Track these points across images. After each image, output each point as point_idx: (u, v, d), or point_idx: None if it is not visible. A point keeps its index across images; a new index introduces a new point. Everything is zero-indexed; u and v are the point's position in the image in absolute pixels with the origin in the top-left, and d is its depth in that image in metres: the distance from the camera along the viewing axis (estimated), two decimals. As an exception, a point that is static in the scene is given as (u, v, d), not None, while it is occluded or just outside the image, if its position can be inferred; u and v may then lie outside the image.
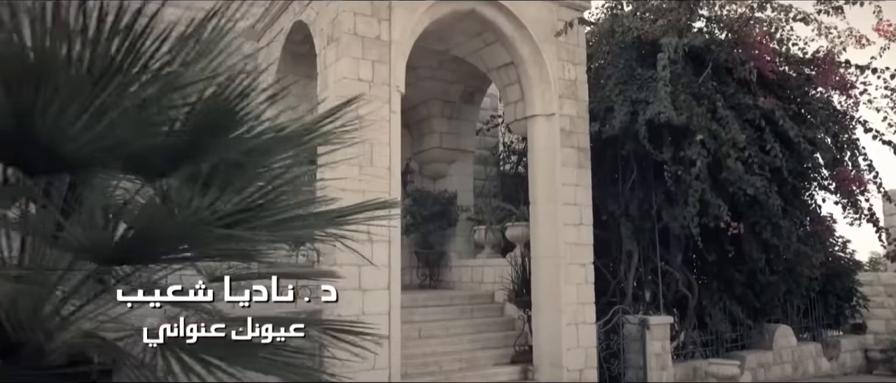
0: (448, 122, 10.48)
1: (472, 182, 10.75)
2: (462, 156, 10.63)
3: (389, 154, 6.65)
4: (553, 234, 7.82)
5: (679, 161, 7.91)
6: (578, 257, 7.94)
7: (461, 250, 10.30)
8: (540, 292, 7.87)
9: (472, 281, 9.84)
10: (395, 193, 6.69)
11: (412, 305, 8.40)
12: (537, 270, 7.92)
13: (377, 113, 6.62)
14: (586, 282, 7.98)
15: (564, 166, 7.99)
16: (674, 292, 9.20)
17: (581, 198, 8.07)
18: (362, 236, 5.93)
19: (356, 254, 6.30)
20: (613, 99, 8.13)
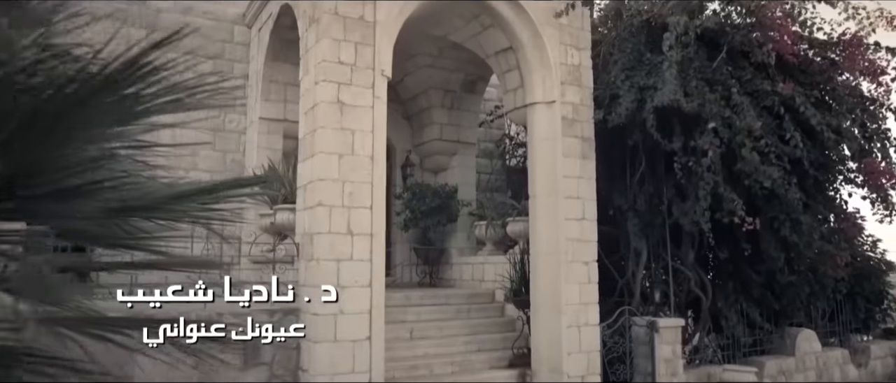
0: (449, 113, 10.02)
1: (474, 175, 10.28)
2: (464, 149, 10.16)
3: (372, 142, 6.21)
4: (553, 230, 7.32)
5: (690, 151, 7.34)
6: (581, 254, 7.42)
7: (462, 247, 9.84)
8: (539, 291, 7.37)
9: (472, 279, 9.37)
10: (379, 184, 6.26)
11: (405, 304, 7.98)
12: (536, 268, 7.43)
13: (359, 98, 6.20)
14: (589, 281, 7.46)
15: (566, 157, 7.47)
16: (686, 293, 8.62)
17: (584, 192, 7.55)
18: (342, 229, 5.54)
19: (335, 248, 5.92)
20: (619, 85, 7.59)
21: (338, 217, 5.95)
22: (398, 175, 10.30)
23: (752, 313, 8.67)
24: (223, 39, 8.96)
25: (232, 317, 6.00)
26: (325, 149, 5.99)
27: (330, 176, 5.97)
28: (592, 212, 7.58)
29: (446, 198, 9.60)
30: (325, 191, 5.93)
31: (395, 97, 10.32)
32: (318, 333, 5.76)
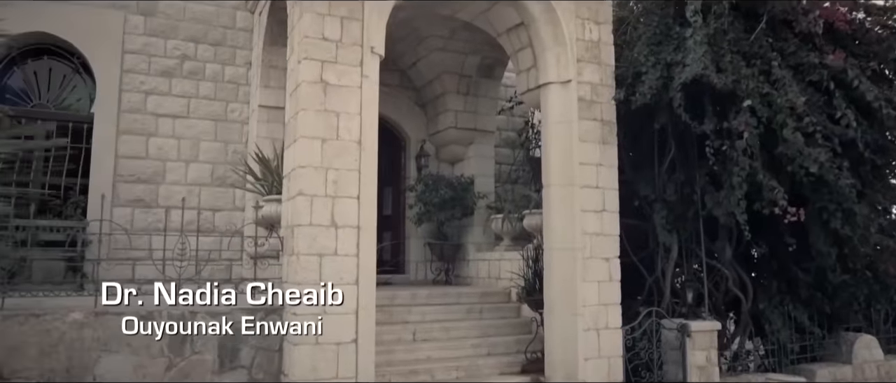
0: (464, 99, 9.39)
1: (492, 166, 9.62)
2: (481, 138, 9.51)
3: (360, 126, 5.65)
4: (569, 222, 6.61)
5: (723, 134, 6.51)
6: (601, 250, 6.69)
7: (480, 242, 9.20)
8: (552, 290, 6.68)
9: (489, 276, 8.74)
10: (368, 171, 5.70)
11: (410, 303, 7.41)
12: (550, 265, 6.74)
13: (344, 78, 5.65)
14: (610, 279, 6.72)
15: (584, 142, 6.76)
16: (723, 293, 7.76)
17: (604, 180, 6.81)
18: (324, 221, 5.01)
19: (317, 242, 5.40)
20: (643, 62, 6.82)
21: (320, 208, 5.42)
22: (412, 166, 9.74)
23: (799, 316, 7.72)
24: (225, 25, 8.58)
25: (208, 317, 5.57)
26: (306, 134, 5.47)
27: (311, 163, 5.45)
28: (614, 202, 6.84)
29: (461, 190, 8.97)
30: (306, 180, 5.41)
31: (409, 84, 9.79)
32: (299, 335, 5.25)
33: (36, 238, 7.06)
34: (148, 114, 8.07)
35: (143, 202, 7.91)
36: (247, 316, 5.55)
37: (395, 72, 9.72)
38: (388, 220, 10.21)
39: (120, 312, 5.11)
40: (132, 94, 8.01)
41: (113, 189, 7.77)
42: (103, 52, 7.89)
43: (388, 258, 10.07)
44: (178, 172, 8.15)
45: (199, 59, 8.38)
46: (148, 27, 8.16)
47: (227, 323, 5.46)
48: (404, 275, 9.61)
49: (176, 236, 7.01)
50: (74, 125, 7.92)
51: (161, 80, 8.17)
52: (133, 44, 8.07)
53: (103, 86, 7.87)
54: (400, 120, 9.76)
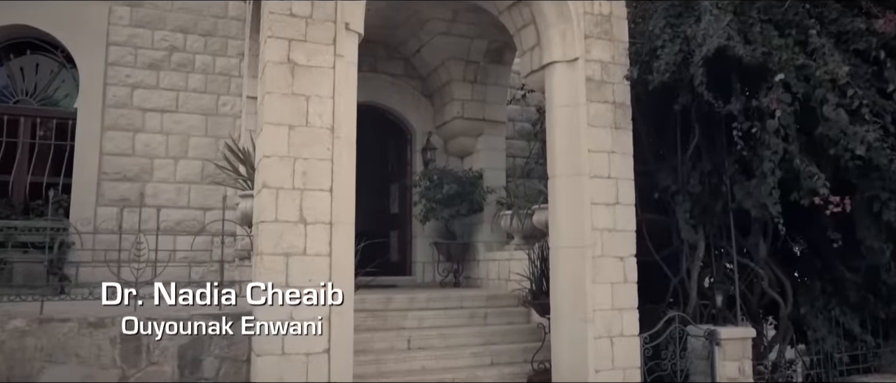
0: (471, 87, 8.74)
1: (503, 159, 8.93)
2: (491, 128, 8.84)
3: (333, 111, 5.07)
4: (577, 217, 5.89)
5: (753, 114, 5.69)
6: (614, 247, 5.95)
7: (490, 241, 8.53)
8: (559, 293, 5.97)
9: (498, 278, 8.06)
10: (344, 161, 5.11)
11: (407, 307, 6.82)
12: (556, 264, 6.03)
13: (315, 58, 5.08)
14: (625, 280, 5.97)
15: (593, 127, 6.03)
16: (758, 296, 6.91)
17: (618, 169, 6.07)
18: (291, 217, 4.45)
19: (283, 241, 4.84)
20: (658, 35, 6.05)
21: (286, 202, 4.85)
22: (419, 160, 9.13)
23: (848, 322, 6.80)
24: (216, 14, 8.14)
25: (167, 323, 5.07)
26: (271, 120, 4.91)
27: (277, 152, 4.88)
28: (629, 194, 6.09)
29: (468, 185, 8.32)
30: (271, 171, 4.85)
31: (413, 73, 9.20)
32: (263, 344, 4.69)
33: (14, 239, 6.74)
34: (134, 108, 7.68)
35: (129, 201, 7.51)
36: (211, 323, 5.03)
37: (398, 60, 9.16)
38: (395, 219, 9.65)
39: (66, 319, 4.64)
40: (117, 88, 7.64)
41: (97, 187, 7.41)
42: (87, 44, 7.54)
43: (396, 259, 9.51)
44: (166, 170, 7.73)
45: (188, 51, 7.97)
46: (134, 18, 7.78)
47: (189, 329, 4.94)
48: (411, 276, 9.01)
49: (169, 237, 6.58)
50: (59, 121, 7.60)
51: (148, 72, 7.78)
52: (118, 35, 7.70)
53: (87, 80, 7.52)
54: (405, 111, 9.18)
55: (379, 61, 9.01)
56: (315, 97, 5.04)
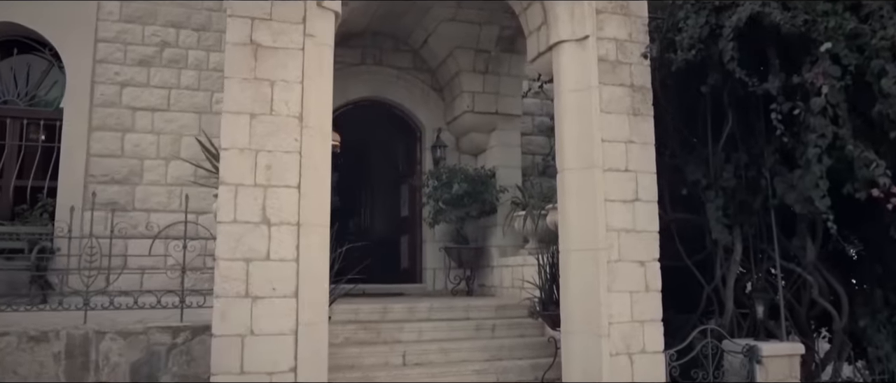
0: (482, 78, 8.07)
1: (519, 155, 8.22)
2: (504, 123, 8.15)
3: (301, 98, 4.49)
4: (589, 216, 5.16)
5: (795, 92, 4.87)
6: (633, 250, 5.19)
7: (504, 245, 7.83)
8: (570, 303, 5.24)
9: (512, 286, 7.35)
10: (315, 153, 4.52)
11: (405, 318, 6.20)
12: (566, 270, 5.30)
13: (281, 39, 4.51)
14: (647, 288, 5.20)
15: (607, 113, 5.29)
16: (807, 306, 6.01)
17: (637, 161, 5.31)
18: (253, 217, 3.89)
19: (243, 244, 4.27)
20: (681, 5, 5.29)
21: (247, 200, 4.29)
22: (428, 159, 8.50)
23: (915, 336, 5.85)
24: (210, 7, 7.70)
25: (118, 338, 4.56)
26: (231, 108, 4.37)
27: (236, 144, 4.33)
28: (650, 189, 5.32)
29: (479, 184, 7.65)
30: (230, 166, 4.30)
31: (422, 66, 8.60)
32: (220, 362, 4.12)
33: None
34: (123, 107, 7.29)
35: (118, 205, 7.12)
36: (169, 338, 4.50)
37: (405, 52, 8.57)
38: (405, 222, 9.05)
39: (4, 332, 4.18)
40: (106, 86, 7.27)
41: (84, 191, 7.03)
42: (74, 40, 7.20)
43: (406, 265, 8.90)
44: (157, 171, 7.32)
45: (180, 46, 7.55)
46: (124, 13, 7.41)
47: (143, 345, 4.43)
48: (420, 284, 8.38)
49: (159, 242, 6.12)
50: (47, 122, 7.27)
51: (138, 69, 7.38)
52: (107, 31, 7.34)
53: (74, 78, 7.17)
54: (413, 107, 8.57)
55: (385, 54, 8.44)
56: (281, 82, 4.47)
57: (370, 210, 12.09)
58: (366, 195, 12.24)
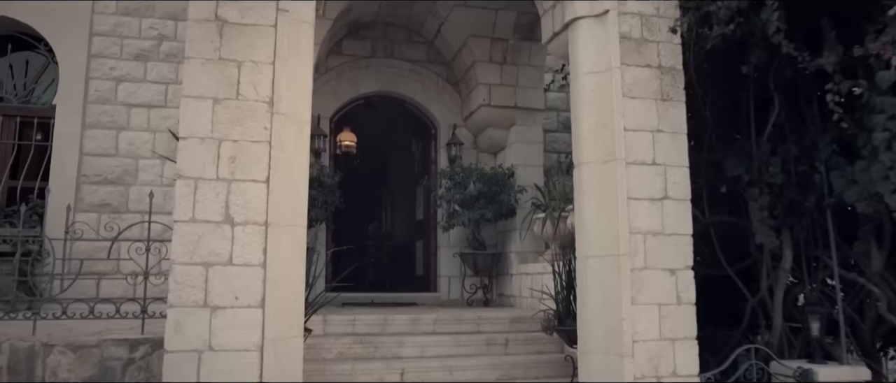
0: (500, 69, 7.43)
1: (541, 153, 7.54)
2: (525, 117, 7.48)
3: (272, 80, 3.95)
4: (610, 216, 4.46)
5: (855, 68, 4.09)
6: (662, 257, 4.46)
7: (524, 250, 7.15)
8: (587, 317, 4.54)
9: (531, 296, 6.66)
10: (288, 144, 3.97)
11: (407, 331, 5.60)
12: (584, 279, 4.60)
13: (250, 14, 3.99)
14: (679, 301, 4.46)
15: (631, 98, 4.59)
16: (873, 322, 5.15)
17: (666, 153, 4.59)
18: (214, 215, 3.35)
19: (202, 246, 3.74)
20: (717, -30, 4.56)
21: (208, 196, 3.76)
22: (444, 158, 7.89)
23: None
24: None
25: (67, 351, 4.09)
26: (191, 92, 3.86)
27: (197, 132, 3.81)
28: (682, 186, 4.59)
29: (495, 184, 7.00)
30: (190, 156, 3.79)
31: (437, 58, 8.02)
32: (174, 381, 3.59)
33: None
34: (119, 104, 6.93)
35: (111, 206, 6.74)
36: (126, 352, 4.00)
37: (419, 44, 8.00)
38: (420, 226, 8.46)
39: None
40: (101, 82, 6.92)
41: (76, 192, 6.68)
42: (68, 34, 6.87)
43: (420, 272, 8.31)
44: (152, 171, 6.92)
45: (179, 39, 7.13)
46: (120, 5, 7.05)
47: (96, 359, 3.94)
48: (435, 293, 7.76)
49: (155, 244, 5.67)
50: (41, 120, 6.96)
51: (135, 64, 7.01)
52: (103, 25, 6.99)
53: (67, 73, 6.84)
54: (428, 103, 7.98)
55: (397, 46, 7.89)
56: (249, 63, 3.94)
57: (390, 213, 11.56)
58: (385, 198, 11.73)
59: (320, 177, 6.48)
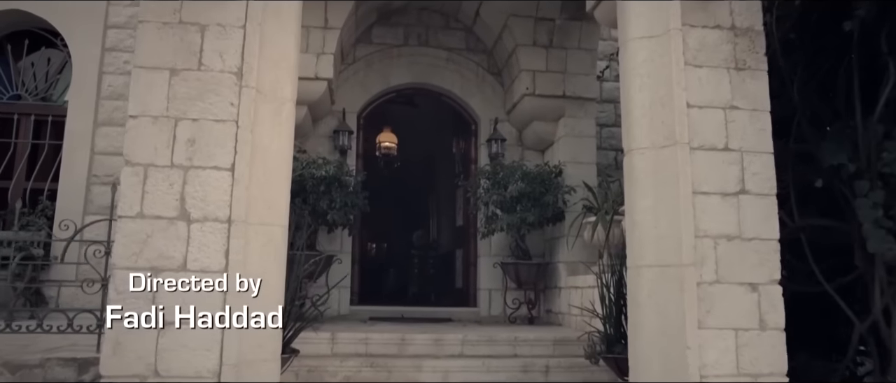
0: (545, 54, 6.53)
1: (593, 148, 6.58)
2: (574, 108, 6.54)
3: (242, 46, 3.26)
4: (669, 216, 3.50)
5: None
6: (739, 267, 3.47)
7: (574, 260, 6.19)
8: (641, 344, 3.58)
9: (581, 313, 5.69)
10: (268, 128, 3.28)
11: (429, 353, 4.83)
12: (636, 295, 3.65)
13: (217, -32, 3.32)
14: (763, 325, 3.45)
15: (696, 67, 3.64)
16: None
17: (743, 136, 3.61)
18: (166, 211, 2.72)
19: (150, 248, 3.07)
20: None
21: (159, 186, 3.10)
22: (484, 155, 7.05)
23: None
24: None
25: (5, 371, 3.49)
26: (145, 62, 3.22)
27: (149, 110, 3.16)
28: (765, 177, 3.59)
29: (540, 184, 6.10)
30: (139, 138, 3.14)
31: (477, 46, 7.24)
32: (113, 417, 2.93)
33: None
34: (133, 100, 6.49)
35: (122, 209, 6.28)
36: (74, 373, 3.38)
37: (456, 30, 7.23)
38: (460, 234, 7.64)
39: None
40: (115, 77, 6.54)
41: (86, 193, 6.29)
42: (82, 27, 6.54)
43: (460, 284, 7.48)
44: (167, 171, 6.42)
45: (198, 30, 6.67)
46: (122, 0, 6.66)
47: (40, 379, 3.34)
48: (473, 308, 6.91)
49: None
50: (55, 118, 6.63)
51: (151, 57, 6.57)
52: (119, 16, 6.63)
53: (80, 68, 6.51)
54: (466, 96, 7.18)
55: (432, 32, 7.15)
56: (215, 27, 3.26)
57: (437, 221, 10.78)
58: (431, 204, 10.97)
59: (339, 176, 5.78)
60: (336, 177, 5.73)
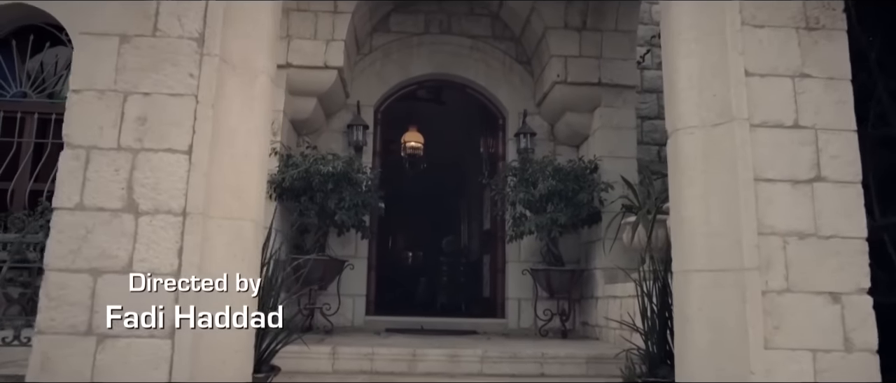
0: (578, 37, 5.90)
1: (632, 141, 5.90)
2: (611, 97, 5.88)
3: (205, 8, 2.76)
4: (724, 208, 2.85)
5: None
6: (816, 274, 2.79)
7: (611, 266, 5.51)
8: (690, 365, 2.91)
9: (621, 327, 5.01)
10: (239, 106, 2.77)
11: (442, 371, 4.25)
12: (684, 305, 2.98)
13: (177, -84, 2.83)
14: (848, 345, 2.76)
15: (756, 27, 2.99)
16: None
17: (817, 110, 2.94)
18: (111, 202, 2.25)
19: (90, 245, 2.58)
20: None
21: (104, 172, 2.62)
22: (512, 151, 6.44)
23: None
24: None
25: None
26: (90, 28, 2.76)
27: (94, 83, 2.69)
28: (847, 161, 2.91)
29: (573, 180, 5.45)
30: (82, 116, 2.68)
31: (504, 33, 6.67)
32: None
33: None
34: (137, 95, 6.13)
35: (125, 210, 5.90)
36: (17, 392, 2.92)
37: (482, 17, 6.67)
38: (488, 238, 7.04)
39: None
40: (119, 72, 6.16)
41: (86, 194, 5.90)
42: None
43: (487, 293, 6.87)
44: (172, 170, 6.03)
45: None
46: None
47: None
48: (501, 319, 6.28)
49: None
50: (58, 117, 6.31)
51: (156, 51, 6.21)
52: (123, 8, 6.27)
53: (83, 62, 6.14)
54: (493, 87, 6.60)
55: (455, 19, 6.60)
56: (174, -14, 2.78)
57: (467, 225, 10.19)
58: (462, 208, 10.37)
59: (349, 173, 5.26)
60: (345, 174, 5.21)
